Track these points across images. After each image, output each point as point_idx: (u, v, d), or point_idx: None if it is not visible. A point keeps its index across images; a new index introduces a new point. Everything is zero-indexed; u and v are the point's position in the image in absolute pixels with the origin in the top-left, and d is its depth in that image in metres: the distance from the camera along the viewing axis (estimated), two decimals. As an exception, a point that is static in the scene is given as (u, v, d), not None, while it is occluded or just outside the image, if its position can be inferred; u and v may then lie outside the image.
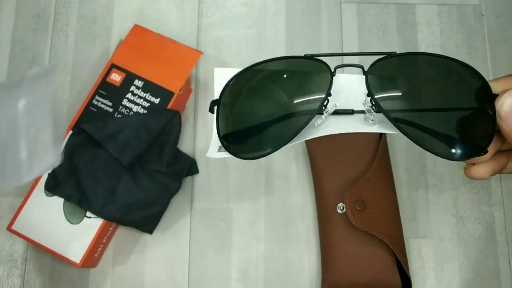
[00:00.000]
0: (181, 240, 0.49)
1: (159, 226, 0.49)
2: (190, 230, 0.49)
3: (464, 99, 0.28)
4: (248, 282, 0.48)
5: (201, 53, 0.50)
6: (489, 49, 0.55)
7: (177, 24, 0.55)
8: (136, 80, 0.49)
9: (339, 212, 0.46)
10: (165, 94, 0.48)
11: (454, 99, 0.29)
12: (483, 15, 0.56)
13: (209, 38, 0.55)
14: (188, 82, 0.50)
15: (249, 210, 0.50)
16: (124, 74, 0.49)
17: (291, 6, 0.56)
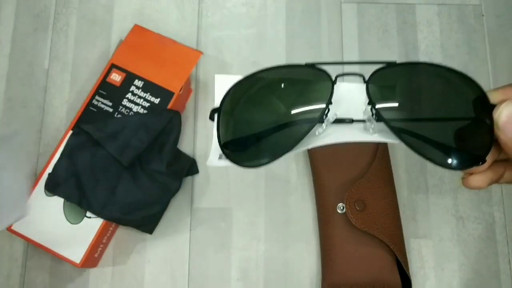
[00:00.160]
0: (181, 240, 0.49)
1: (159, 226, 0.49)
2: (190, 230, 0.49)
3: (462, 109, 0.29)
4: (248, 282, 0.48)
5: (201, 53, 0.50)
6: (489, 49, 0.55)
7: (177, 24, 0.55)
8: (136, 80, 0.49)
9: (339, 212, 0.46)
10: (165, 94, 0.48)
11: (453, 108, 0.29)
12: (483, 15, 0.56)
13: (209, 38, 0.55)
14: (188, 82, 0.50)
15: (249, 210, 0.50)
16: (124, 74, 0.49)
17: (291, 6, 0.56)
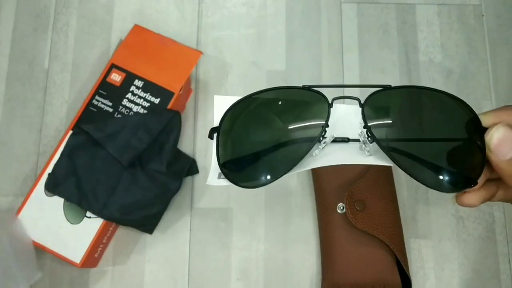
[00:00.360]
0: (181, 240, 0.49)
1: (159, 226, 0.49)
2: (190, 230, 0.49)
3: (455, 131, 0.29)
4: (248, 282, 0.48)
5: (201, 53, 0.50)
6: (489, 49, 0.55)
7: (177, 24, 0.55)
8: (136, 80, 0.49)
9: (339, 212, 0.46)
10: (165, 94, 0.48)
11: (446, 132, 0.30)
12: (483, 15, 0.56)
13: (209, 38, 0.55)
14: (188, 82, 0.50)
15: (249, 210, 0.50)
16: (124, 74, 0.49)
17: (291, 6, 0.56)
